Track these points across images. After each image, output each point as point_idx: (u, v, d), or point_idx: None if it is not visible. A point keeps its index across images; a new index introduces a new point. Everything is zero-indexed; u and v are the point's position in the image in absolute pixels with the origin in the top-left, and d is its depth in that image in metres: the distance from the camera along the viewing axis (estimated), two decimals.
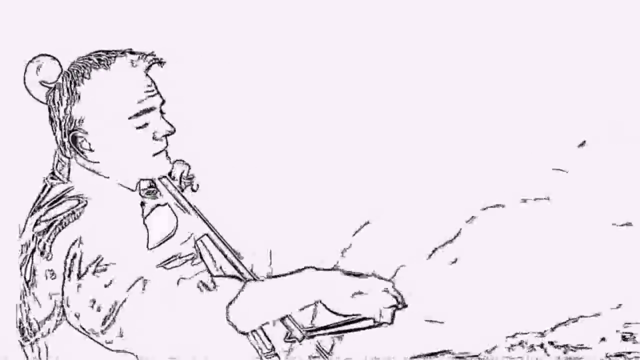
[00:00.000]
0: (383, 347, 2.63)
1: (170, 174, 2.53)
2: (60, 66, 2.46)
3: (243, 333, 2.32)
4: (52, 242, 2.37)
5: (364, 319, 2.32)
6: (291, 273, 2.36)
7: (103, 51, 2.47)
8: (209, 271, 2.45)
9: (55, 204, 2.41)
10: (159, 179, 2.49)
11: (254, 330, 2.35)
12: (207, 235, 2.46)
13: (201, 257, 2.46)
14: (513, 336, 2.73)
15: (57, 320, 2.38)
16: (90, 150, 2.42)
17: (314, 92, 2.88)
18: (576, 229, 2.85)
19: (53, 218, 2.39)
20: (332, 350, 2.57)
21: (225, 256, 2.45)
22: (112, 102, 2.42)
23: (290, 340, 2.35)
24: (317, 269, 2.36)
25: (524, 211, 2.87)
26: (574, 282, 2.80)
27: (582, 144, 2.92)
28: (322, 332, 2.35)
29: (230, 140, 2.84)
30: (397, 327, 2.64)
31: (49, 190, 2.45)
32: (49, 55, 2.47)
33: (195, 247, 2.47)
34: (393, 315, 2.32)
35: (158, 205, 2.48)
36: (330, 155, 2.86)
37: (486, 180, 2.89)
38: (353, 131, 2.88)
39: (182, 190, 2.55)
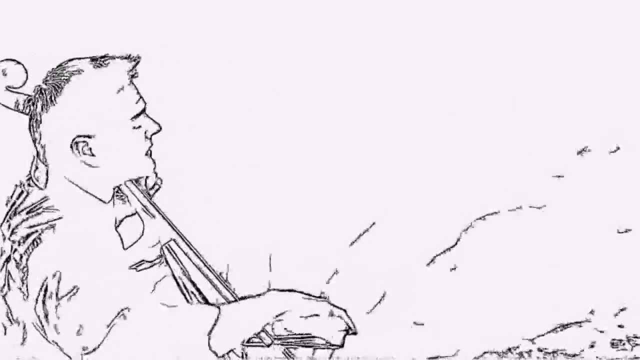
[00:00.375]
0: (373, 352, 2.71)
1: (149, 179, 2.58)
2: (26, 71, 2.46)
3: (222, 357, 2.44)
4: (28, 256, 2.39)
5: (319, 339, 2.49)
6: (253, 295, 2.51)
7: (81, 58, 2.49)
8: (175, 276, 2.50)
9: (33, 212, 2.42)
10: (125, 184, 2.52)
11: None
12: (173, 240, 2.50)
13: (167, 262, 2.50)
14: (510, 344, 2.79)
15: (23, 333, 2.41)
16: (92, 154, 2.46)
17: (315, 98, 2.91)
18: (571, 235, 2.88)
19: (31, 228, 2.41)
20: (332, 357, 2.67)
21: (192, 261, 2.50)
22: (115, 105, 2.46)
23: (257, 344, 2.46)
24: (280, 291, 2.54)
25: (521, 218, 2.91)
26: (565, 288, 2.84)
27: (582, 150, 2.94)
28: (286, 341, 2.48)
29: (232, 141, 2.87)
30: (389, 333, 2.72)
31: (26, 196, 2.45)
32: (12, 60, 2.47)
33: (161, 251, 2.51)
34: (344, 339, 2.49)
35: (129, 210, 2.52)
36: (330, 161, 2.89)
37: (485, 188, 2.92)
38: (354, 136, 2.90)
39: (149, 195, 2.57)
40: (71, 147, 2.44)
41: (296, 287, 2.68)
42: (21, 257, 2.39)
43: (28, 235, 2.40)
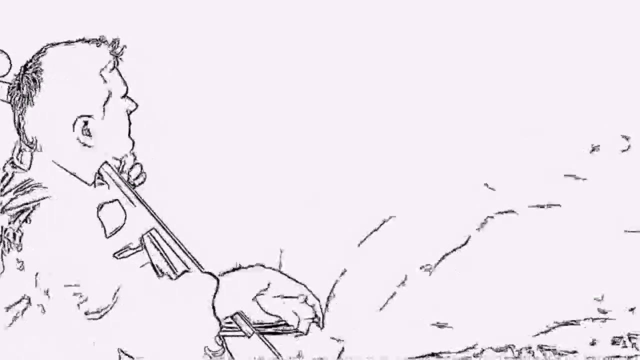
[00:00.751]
0: (371, 349, 2.82)
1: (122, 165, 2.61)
2: (9, 58, 2.52)
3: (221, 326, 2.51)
4: (22, 233, 2.43)
5: (286, 325, 2.55)
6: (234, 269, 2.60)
7: (66, 41, 2.54)
8: (154, 265, 2.54)
9: (22, 191, 2.46)
10: (106, 171, 2.55)
11: None
12: (154, 229, 2.53)
13: (147, 250, 2.53)
14: (510, 341, 2.86)
15: (15, 314, 2.45)
16: (89, 134, 2.51)
17: (328, 95, 2.95)
18: (578, 233, 2.92)
19: (21, 206, 2.45)
20: (341, 355, 2.80)
21: (173, 250, 2.54)
22: (108, 84, 2.52)
23: (236, 332, 2.54)
24: (263, 267, 2.60)
25: (533, 217, 2.95)
26: (569, 286, 2.89)
27: (595, 148, 2.97)
28: (263, 330, 2.55)
29: (242, 138, 2.92)
30: (388, 331, 2.83)
31: (10, 178, 2.50)
32: None
33: (141, 240, 2.54)
34: (309, 328, 2.55)
35: (111, 196, 2.55)
36: (340, 159, 2.94)
37: (496, 187, 2.95)
38: (364, 134, 2.94)
39: (131, 184, 2.59)
40: (73, 127, 2.49)
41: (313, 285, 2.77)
42: (14, 235, 2.44)
43: (19, 213, 2.45)
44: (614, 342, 2.86)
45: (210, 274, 2.56)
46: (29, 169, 2.50)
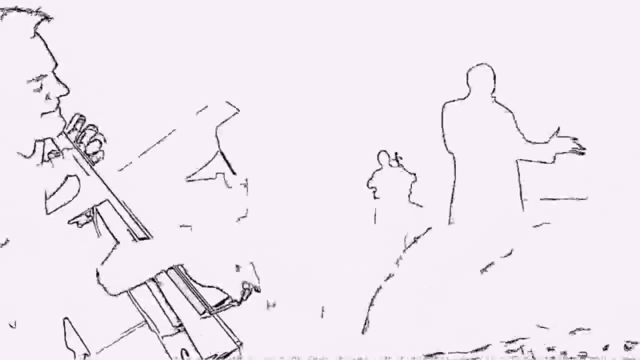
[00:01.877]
0: (381, 348, 2.94)
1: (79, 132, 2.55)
2: None
3: (113, 295, 2.43)
4: None
5: (227, 299, 2.46)
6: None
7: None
8: (112, 235, 2.52)
9: None
10: (66, 147, 2.52)
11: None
12: (107, 200, 2.52)
13: (95, 221, 2.51)
14: (522, 342, 2.94)
15: None
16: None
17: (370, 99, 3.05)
18: (605, 239, 2.99)
19: None
20: None
21: (125, 222, 2.52)
22: (8, 66, 2.41)
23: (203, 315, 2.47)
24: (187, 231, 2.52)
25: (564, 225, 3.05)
26: (585, 292, 2.96)
27: None
28: (213, 310, 2.48)
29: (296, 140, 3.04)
30: (406, 328, 2.95)
31: None
32: None
33: (92, 210, 2.51)
34: (242, 294, 2.45)
35: (61, 169, 2.51)
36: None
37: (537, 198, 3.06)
38: (409, 138, 3.04)
39: (88, 156, 2.56)
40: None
41: (351, 288, 2.93)
42: None
43: None
44: (627, 347, 2.89)
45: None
46: None
